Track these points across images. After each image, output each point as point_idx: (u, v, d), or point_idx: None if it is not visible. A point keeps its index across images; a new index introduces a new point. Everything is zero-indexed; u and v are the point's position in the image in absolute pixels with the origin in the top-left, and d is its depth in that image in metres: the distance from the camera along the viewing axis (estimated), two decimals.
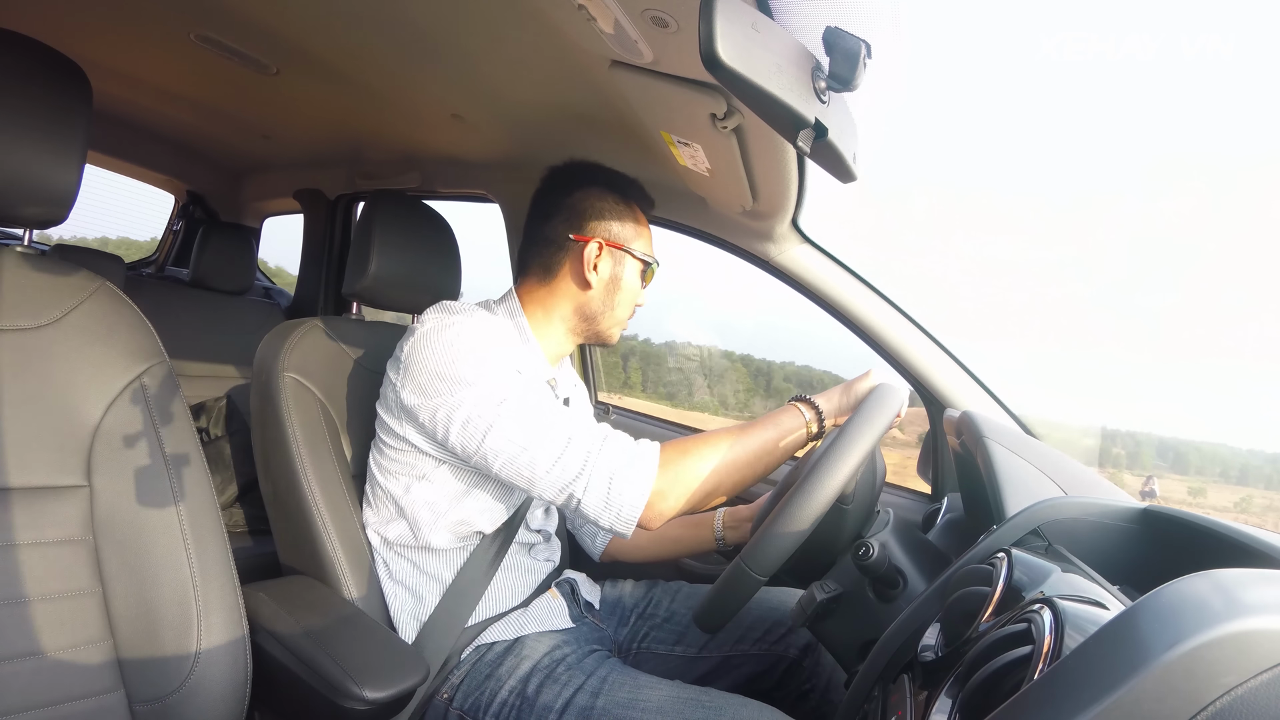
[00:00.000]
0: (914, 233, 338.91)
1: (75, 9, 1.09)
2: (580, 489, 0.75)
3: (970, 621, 0.51)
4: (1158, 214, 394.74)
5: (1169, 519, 0.59)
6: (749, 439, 0.79)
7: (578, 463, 0.75)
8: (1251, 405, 51.31)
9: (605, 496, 0.74)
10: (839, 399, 0.83)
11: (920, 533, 0.77)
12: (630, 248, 0.94)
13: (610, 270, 0.93)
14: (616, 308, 0.94)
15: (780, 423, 0.81)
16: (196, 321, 1.88)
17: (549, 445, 0.75)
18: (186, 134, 1.90)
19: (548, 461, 0.75)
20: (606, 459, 0.75)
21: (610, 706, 0.76)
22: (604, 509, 0.75)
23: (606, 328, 0.95)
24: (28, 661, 0.63)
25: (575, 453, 0.75)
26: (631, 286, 0.95)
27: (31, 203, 0.68)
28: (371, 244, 1.04)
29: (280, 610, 0.78)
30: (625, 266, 0.94)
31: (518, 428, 0.76)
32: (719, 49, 0.45)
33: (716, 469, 0.77)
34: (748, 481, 0.80)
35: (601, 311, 0.94)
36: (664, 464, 0.76)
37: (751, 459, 0.79)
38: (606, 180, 0.96)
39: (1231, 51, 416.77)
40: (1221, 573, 0.35)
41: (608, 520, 0.75)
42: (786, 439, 0.81)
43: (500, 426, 0.76)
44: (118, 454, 0.70)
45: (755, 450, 0.79)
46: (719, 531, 1.06)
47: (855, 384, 0.83)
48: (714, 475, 0.77)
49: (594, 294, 0.93)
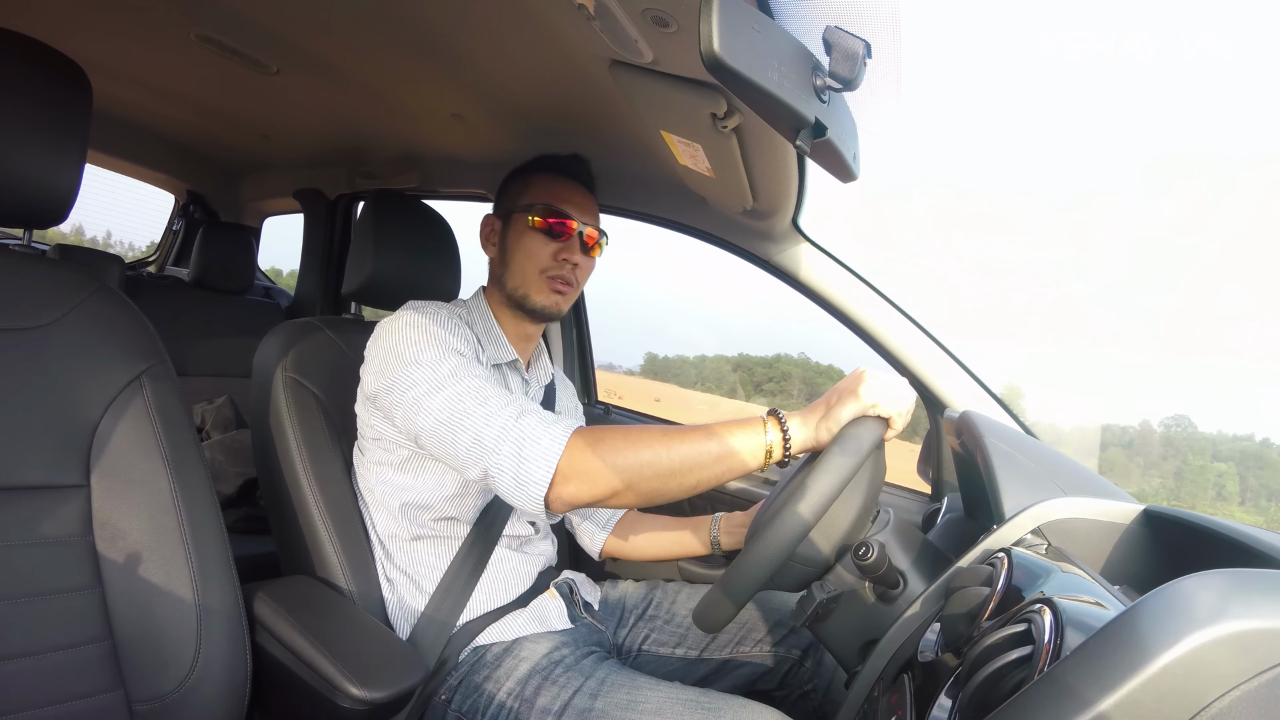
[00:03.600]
0: (914, 233, 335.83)
1: (75, 9, 1.09)
2: (494, 467, 0.73)
3: (970, 621, 0.51)
4: (1158, 214, 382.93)
5: (1169, 519, 0.59)
6: (681, 446, 0.71)
7: (493, 440, 0.73)
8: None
9: (515, 475, 0.72)
10: (815, 428, 0.72)
11: (920, 533, 0.77)
12: (514, 206, 0.96)
13: (501, 236, 0.98)
14: (511, 265, 0.95)
15: (732, 437, 0.72)
16: (196, 321, 1.88)
17: (470, 424, 0.74)
18: (186, 134, 1.90)
19: (468, 440, 0.74)
20: (516, 436, 0.73)
21: (608, 708, 0.75)
22: (515, 489, 0.72)
23: (514, 289, 0.95)
24: (28, 661, 0.63)
25: (491, 430, 0.73)
26: (519, 242, 0.95)
27: (31, 202, 0.68)
28: (371, 244, 1.04)
29: (280, 610, 0.78)
30: (514, 227, 0.96)
31: (447, 407, 0.76)
32: (719, 49, 0.46)
33: (629, 466, 0.71)
34: (672, 491, 0.72)
35: (503, 274, 0.97)
36: (573, 446, 0.72)
37: (677, 467, 0.71)
38: (520, 169, 1.01)
39: (1231, 51, 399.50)
40: (1221, 573, 0.35)
41: (518, 502, 0.73)
42: (731, 459, 0.71)
43: (431, 406, 0.77)
44: (117, 454, 0.70)
45: (684, 460, 0.71)
46: (715, 535, 1.06)
47: (836, 408, 0.70)
48: (625, 472, 0.71)
49: (497, 264, 0.98)
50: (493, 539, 0.93)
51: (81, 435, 0.69)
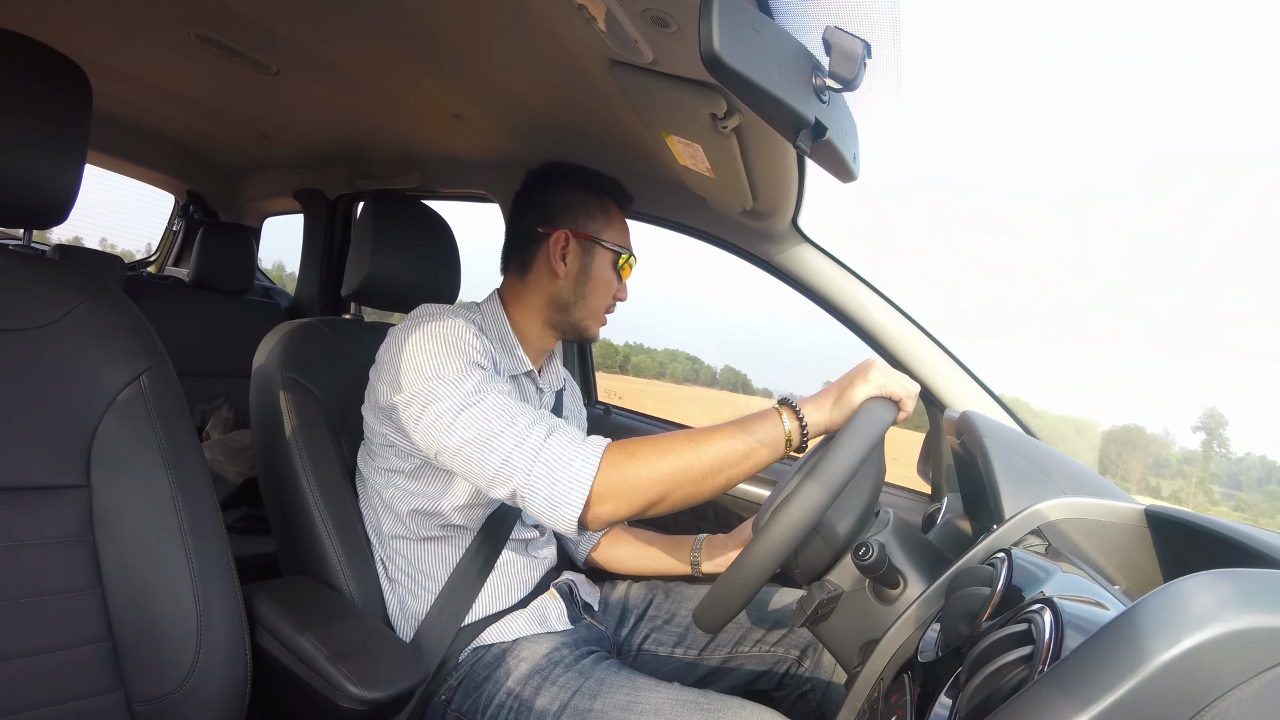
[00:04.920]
0: (914, 233, 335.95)
1: (75, 9, 1.09)
2: (525, 488, 0.72)
3: (970, 621, 0.51)
4: (1158, 214, 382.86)
5: (1169, 519, 0.59)
6: (709, 448, 0.72)
7: (525, 462, 0.72)
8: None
9: (548, 496, 0.71)
10: (830, 410, 0.73)
11: (920, 533, 0.77)
12: (599, 238, 0.95)
13: (579, 260, 0.94)
14: (588, 298, 0.95)
15: (754, 431, 0.73)
16: (196, 322, 1.88)
17: (499, 445, 0.73)
18: (186, 134, 1.90)
19: (498, 461, 0.73)
20: (548, 457, 0.72)
21: (607, 709, 0.75)
22: (548, 510, 0.72)
23: (580, 319, 0.96)
24: (28, 661, 0.63)
25: (523, 452, 0.73)
26: (602, 277, 0.96)
27: (31, 203, 0.68)
28: (371, 244, 1.04)
29: (280, 610, 0.78)
30: (595, 257, 0.95)
31: (474, 426, 0.75)
32: (719, 49, 0.46)
33: (663, 477, 0.71)
34: (704, 494, 0.73)
35: (573, 302, 0.95)
36: (607, 465, 0.72)
37: (708, 469, 0.72)
38: (578, 177, 0.98)
39: (1231, 51, 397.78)
40: (1221, 573, 0.35)
41: (551, 522, 0.72)
42: (757, 453, 0.72)
43: (456, 425, 0.75)
44: (118, 454, 0.70)
45: (714, 461, 0.72)
46: (695, 556, 1.05)
47: (849, 390, 0.72)
48: (660, 483, 0.71)
49: (564, 284, 0.94)
50: (499, 542, 0.92)
51: (82, 435, 0.68)
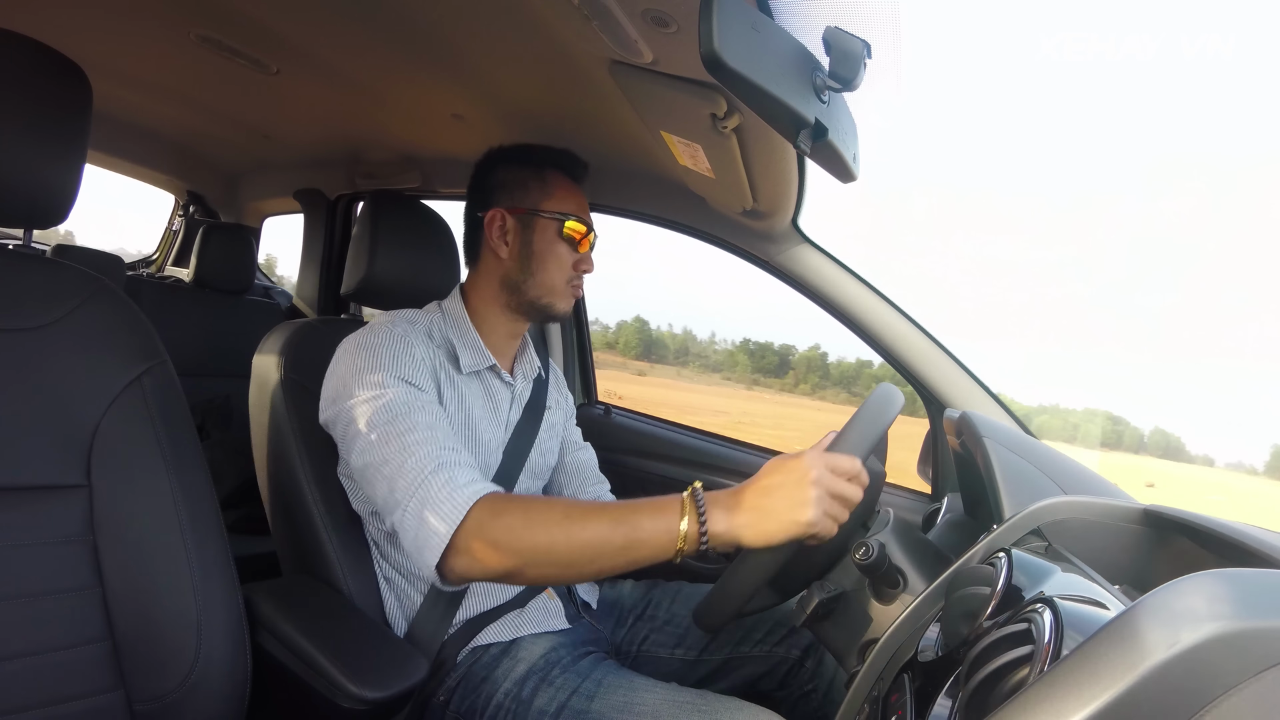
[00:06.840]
0: (914, 233, 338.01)
1: (75, 9, 1.09)
2: (399, 523, 0.71)
3: (970, 621, 0.51)
4: (1158, 214, 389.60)
5: (1169, 519, 0.59)
6: (582, 532, 0.66)
7: (404, 494, 0.71)
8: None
9: (415, 535, 0.70)
10: (743, 516, 0.64)
11: (920, 533, 0.77)
12: (537, 209, 0.92)
13: (519, 236, 0.92)
14: (536, 273, 0.92)
15: (639, 525, 0.66)
16: (196, 322, 1.88)
17: (387, 472, 0.73)
18: (186, 134, 1.90)
19: (385, 489, 0.73)
20: (423, 495, 0.69)
21: (605, 710, 0.75)
22: (414, 553, 0.70)
23: (536, 296, 0.93)
24: (28, 661, 0.63)
25: (403, 483, 0.71)
26: (549, 249, 0.92)
27: (31, 203, 0.68)
28: (371, 244, 1.04)
29: (280, 610, 0.78)
30: (535, 230, 0.92)
31: (370, 450, 0.74)
32: (719, 49, 0.46)
33: (523, 550, 0.67)
34: (572, 579, 0.68)
35: (522, 280, 0.92)
36: (472, 519, 0.68)
37: (576, 556, 0.67)
38: (515, 155, 0.96)
39: (1231, 51, 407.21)
40: (1221, 572, 0.35)
41: (418, 566, 0.69)
42: (636, 550, 0.66)
43: (359, 446, 0.76)
44: (118, 454, 0.70)
45: (584, 548, 0.66)
46: None
47: (771, 499, 0.64)
48: (518, 555, 0.67)
49: (509, 264, 0.92)
50: None
51: (82, 435, 0.69)
